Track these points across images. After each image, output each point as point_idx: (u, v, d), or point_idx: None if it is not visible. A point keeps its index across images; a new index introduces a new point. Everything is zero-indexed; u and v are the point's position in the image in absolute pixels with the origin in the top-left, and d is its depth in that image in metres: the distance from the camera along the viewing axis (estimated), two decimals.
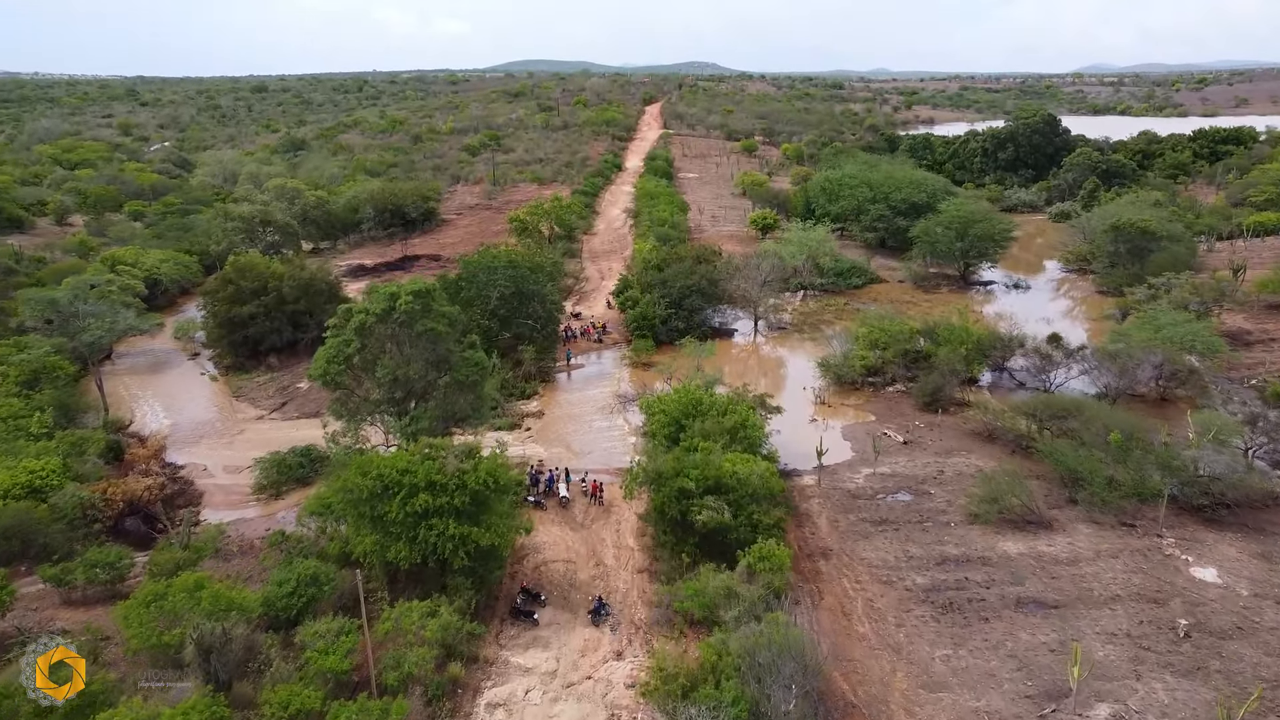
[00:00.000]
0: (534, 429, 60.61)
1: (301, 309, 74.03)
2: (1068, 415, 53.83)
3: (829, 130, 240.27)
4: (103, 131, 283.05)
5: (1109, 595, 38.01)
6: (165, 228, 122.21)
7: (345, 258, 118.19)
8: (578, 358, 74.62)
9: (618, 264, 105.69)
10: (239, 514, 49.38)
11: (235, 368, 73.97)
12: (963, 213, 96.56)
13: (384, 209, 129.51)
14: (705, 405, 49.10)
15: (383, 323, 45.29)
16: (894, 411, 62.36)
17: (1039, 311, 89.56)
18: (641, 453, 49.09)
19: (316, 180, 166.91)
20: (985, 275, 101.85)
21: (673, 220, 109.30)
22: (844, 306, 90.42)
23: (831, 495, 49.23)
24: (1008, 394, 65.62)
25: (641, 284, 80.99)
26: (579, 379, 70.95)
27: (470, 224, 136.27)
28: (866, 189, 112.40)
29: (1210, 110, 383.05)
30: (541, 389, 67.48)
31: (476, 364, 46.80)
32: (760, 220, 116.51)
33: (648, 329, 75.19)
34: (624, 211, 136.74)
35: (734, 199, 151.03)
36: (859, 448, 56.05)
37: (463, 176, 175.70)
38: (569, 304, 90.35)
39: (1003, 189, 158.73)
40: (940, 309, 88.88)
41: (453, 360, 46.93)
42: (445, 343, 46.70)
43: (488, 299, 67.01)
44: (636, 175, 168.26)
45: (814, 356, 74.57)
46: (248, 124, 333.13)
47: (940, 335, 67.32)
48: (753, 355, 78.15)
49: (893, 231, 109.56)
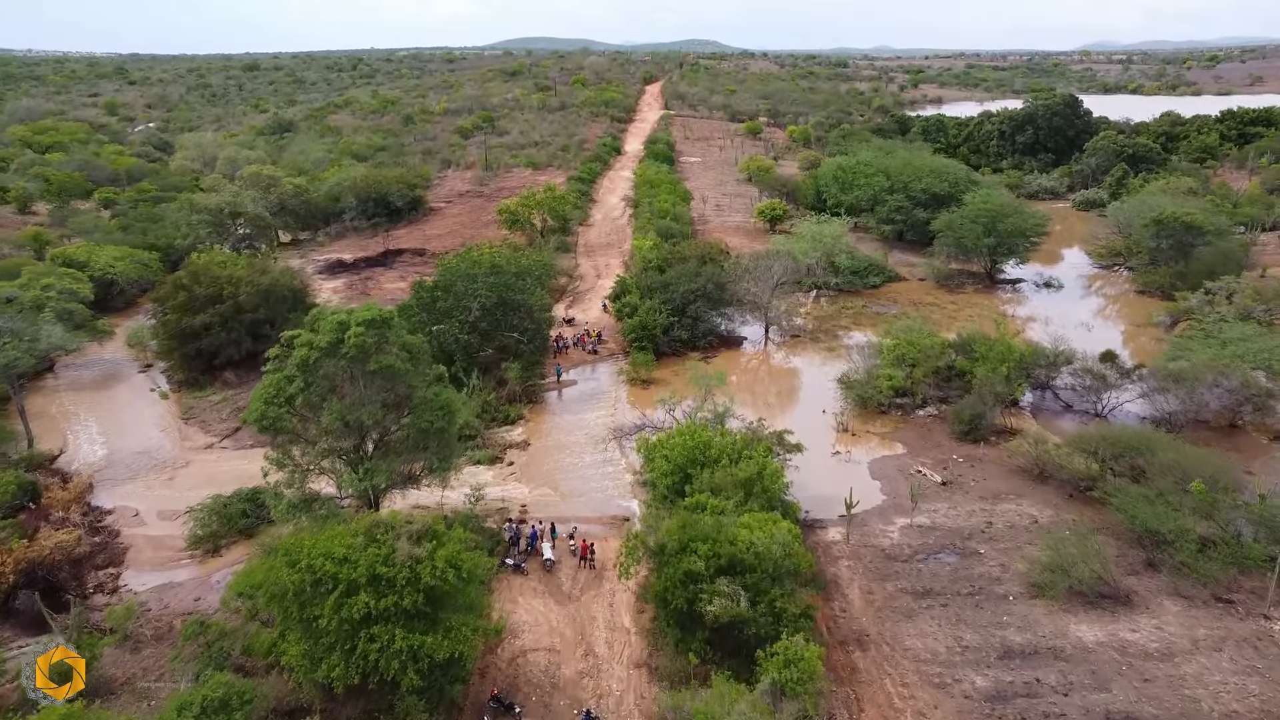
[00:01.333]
0: (517, 463, 53.10)
1: (262, 317, 66.35)
2: (1135, 453, 46.37)
3: (836, 111, 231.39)
4: (87, 111, 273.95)
5: (1224, 712, 30.60)
6: (134, 218, 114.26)
7: (324, 250, 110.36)
8: (569, 373, 67.05)
9: (616, 260, 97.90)
10: (168, 576, 41.97)
11: (188, 384, 66.44)
12: (991, 205, 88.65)
13: (367, 198, 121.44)
14: (714, 450, 41.64)
15: (331, 357, 37.72)
16: (927, 441, 54.86)
17: (1075, 314, 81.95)
18: (639, 516, 41.72)
19: (300, 165, 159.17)
20: (1012, 272, 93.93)
21: (675, 212, 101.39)
22: (862, 309, 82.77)
23: (863, 555, 41.81)
24: (1054, 418, 58.16)
25: (640, 287, 73.31)
26: (571, 399, 63.41)
27: (460, 213, 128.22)
28: (883, 178, 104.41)
29: (1225, 89, 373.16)
30: (527, 412, 59.95)
31: (442, 407, 39.19)
32: (769, 211, 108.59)
33: (647, 340, 67.61)
34: (623, 200, 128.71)
35: (739, 185, 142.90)
36: (890, 489, 48.58)
37: (454, 161, 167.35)
38: (561, 306, 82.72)
39: (1022, 174, 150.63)
40: (967, 312, 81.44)
41: (414, 401, 39.36)
42: (406, 380, 39.13)
43: (467, 310, 59.35)
44: (636, 160, 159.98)
45: (831, 369, 67.17)
46: (237, 104, 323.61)
47: (977, 351, 59.71)
48: (763, 365, 70.59)
49: (912, 224, 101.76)
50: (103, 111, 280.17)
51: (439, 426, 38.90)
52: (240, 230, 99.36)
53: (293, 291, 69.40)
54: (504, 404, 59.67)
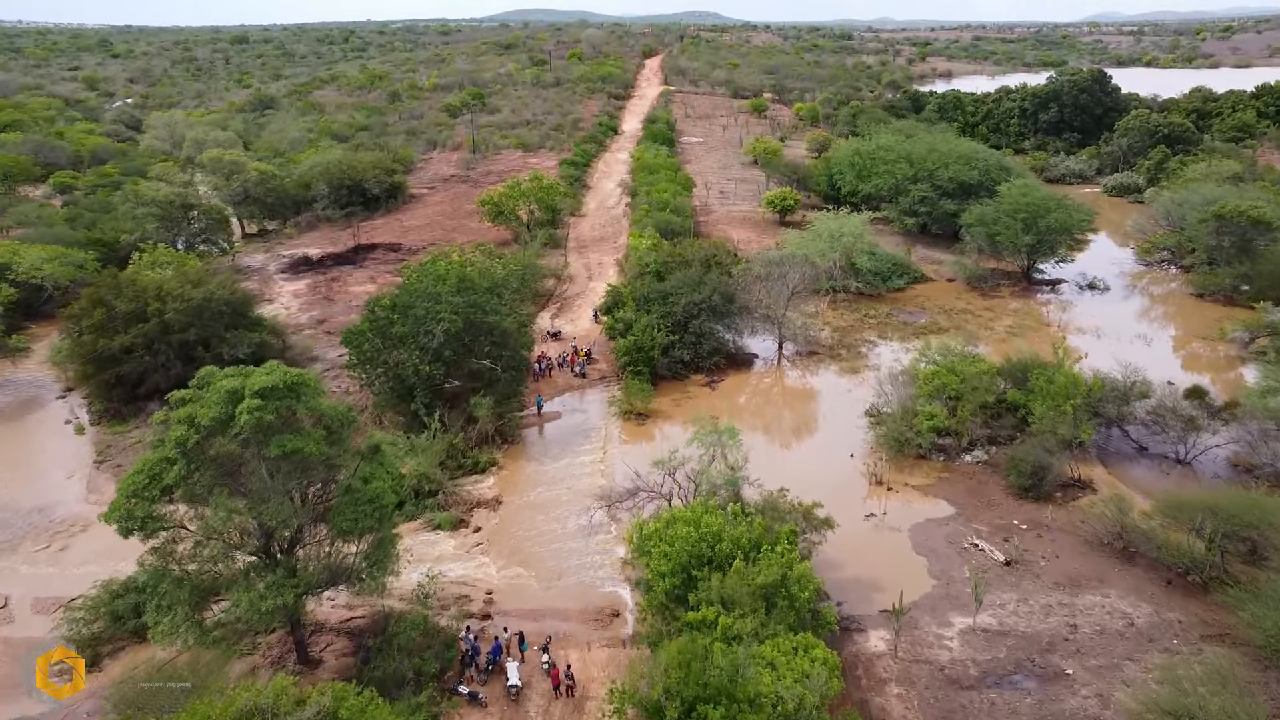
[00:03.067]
0: (486, 529, 43.80)
1: (194, 338, 56.89)
2: (1252, 527, 37.11)
3: (844, 87, 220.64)
4: (65, 86, 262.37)
5: None
6: (85, 207, 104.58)
7: (291, 244, 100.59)
8: (553, 402, 57.71)
9: (610, 257, 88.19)
10: (18, 711, 32.69)
11: (110, 414, 57.12)
12: (1031, 199, 78.75)
13: (340, 185, 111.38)
14: (726, 544, 32.33)
15: (220, 436, 28.36)
16: (978, 497, 45.57)
17: (1126, 322, 72.69)
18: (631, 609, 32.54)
19: (276, 146, 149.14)
20: (1051, 271, 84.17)
21: (675, 203, 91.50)
22: (886, 317, 73.23)
23: (916, 678, 32.59)
24: (1126, 464, 48.86)
25: (636, 298, 63.74)
26: (553, 436, 54.03)
27: (442, 201, 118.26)
28: (906, 164, 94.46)
29: (1244, 60, 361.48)
30: (501, 456, 50.63)
31: (372, 500, 29.72)
32: (778, 201, 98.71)
33: (643, 363, 58.17)
34: (619, 186, 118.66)
35: (744, 169, 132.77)
36: (941, 569, 39.35)
37: (439, 142, 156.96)
38: (547, 316, 73.19)
39: (1049, 156, 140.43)
40: (1006, 321, 72.09)
41: (333, 493, 30.01)
42: (322, 471, 29.81)
43: (430, 335, 49.84)
44: (634, 140, 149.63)
45: (856, 394, 57.93)
46: (222, 78, 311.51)
47: (1034, 382, 50.27)
48: (776, 388, 61.24)
49: (937, 217, 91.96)
50: (82, 86, 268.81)
51: (365, 527, 29.49)
52: (196, 224, 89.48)
53: (232, 306, 59.76)
54: (473, 447, 50.34)
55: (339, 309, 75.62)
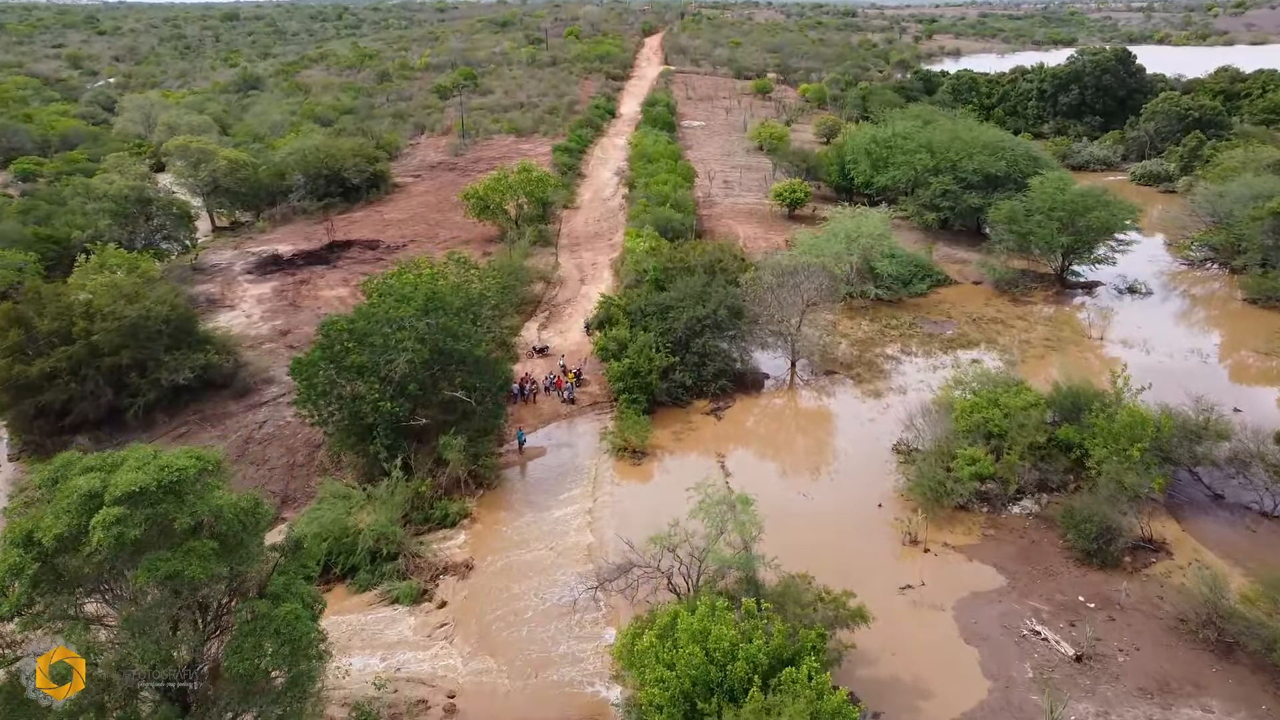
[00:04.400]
0: (453, 603, 36.98)
1: (127, 362, 49.88)
2: None
3: (851, 66, 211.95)
4: (48, 64, 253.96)
5: None
6: (43, 198, 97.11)
7: (264, 239, 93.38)
8: (536, 434, 50.73)
9: (605, 256, 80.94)
10: None
11: (33, 449, 50.21)
12: (1069, 195, 71.42)
13: (317, 175, 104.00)
14: (741, 664, 25.48)
15: (70, 555, 21.43)
16: (1032, 562, 38.72)
17: (1175, 333, 65.83)
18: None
19: (255, 130, 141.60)
20: (1087, 273, 76.91)
21: (676, 197, 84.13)
22: (910, 328, 66.18)
23: None
24: (1202, 517, 41.95)
25: (631, 311, 56.64)
26: (536, 478, 47.09)
27: (427, 191, 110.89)
28: (926, 154, 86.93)
29: (1260, 37, 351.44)
30: (475, 505, 43.77)
31: (280, 633, 22.69)
32: (787, 194, 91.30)
33: (640, 390, 51.15)
34: (616, 175, 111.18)
35: (749, 155, 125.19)
36: (997, 666, 32.52)
37: (428, 125, 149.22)
38: (533, 326, 66.10)
39: (1070, 142, 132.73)
40: (1043, 332, 65.17)
41: (233, 630, 23.04)
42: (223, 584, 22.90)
43: (393, 366, 42.80)
44: (633, 124, 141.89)
45: (881, 422, 51.13)
46: (210, 56, 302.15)
47: (1093, 420, 43.31)
48: (789, 414, 54.29)
49: (960, 212, 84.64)
50: (65, 64, 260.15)
51: (272, 665, 22.52)
52: (154, 220, 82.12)
53: (173, 323, 52.62)
54: (442, 496, 43.46)
55: (305, 317, 68.49)
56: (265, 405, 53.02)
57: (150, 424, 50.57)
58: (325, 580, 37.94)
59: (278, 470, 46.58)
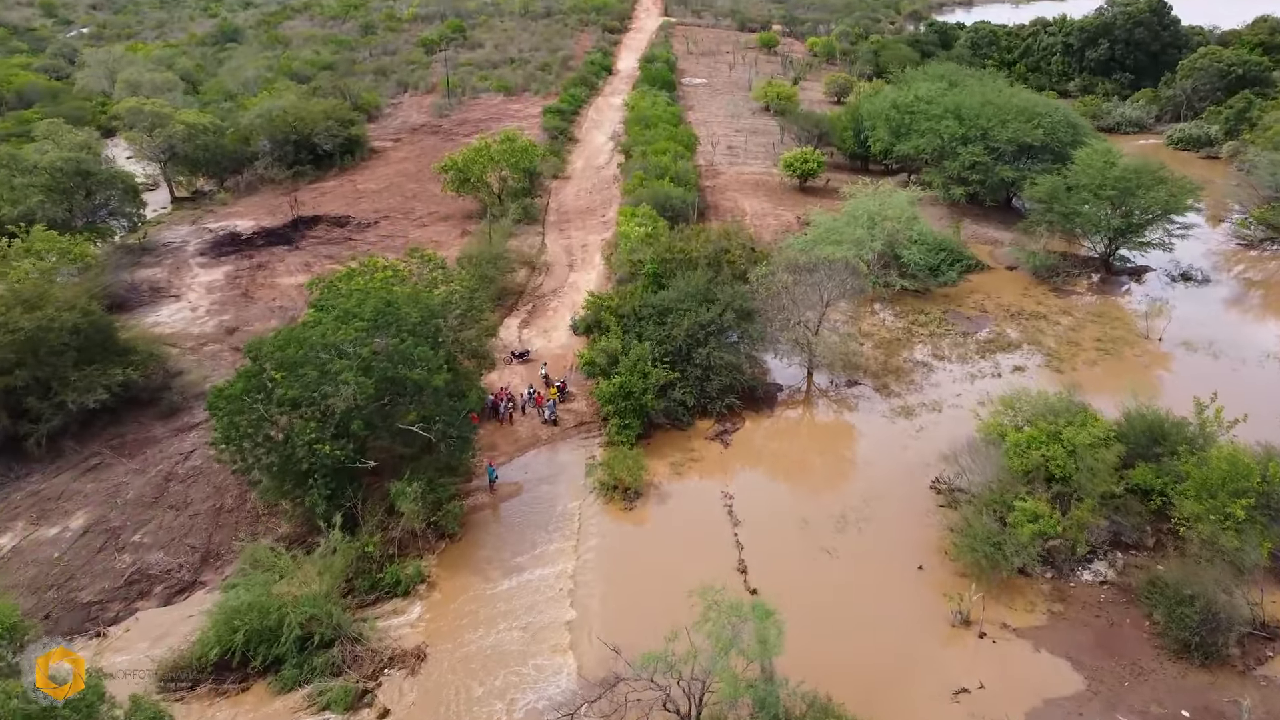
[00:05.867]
0: (397, 714, 29.75)
1: (23, 383, 42.17)
2: None
3: (861, 18, 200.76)
4: (19, 12, 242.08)
5: None
6: None
7: (225, 212, 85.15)
8: (511, 465, 43.15)
9: (597, 235, 72.78)
10: None
11: None
12: (1119, 171, 63.09)
13: (285, 140, 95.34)
14: None
15: None
16: (1115, 654, 31.42)
17: (1244, 330, 58.02)
18: None
19: (228, 87, 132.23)
20: (1134, 257, 68.75)
21: (676, 169, 75.61)
22: (940, 325, 58.41)
23: None
24: None
25: (623, 315, 48.70)
26: (510, 522, 39.58)
27: (407, 158, 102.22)
28: (953, 121, 78.20)
29: None
30: (435, 562, 36.42)
31: None
32: (798, 164, 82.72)
33: (632, 414, 43.51)
34: (611, 139, 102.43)
35: (755, 117, 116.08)
36: None
37: (411, 83, 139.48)
38: (514, 323, 58.23)
39: (1100, 101, 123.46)
40: (1093, 331, 57.58)
41: None
42: None
43: (331, 398, 35.09)
44: (630, 82, 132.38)
45: (914, 450, 43.58)
46: (190, 5, 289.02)
47: (1184, 467, 35.79)
48: (807, 441, 46.68)
49: (991, 186, 76.33)
50: (38, 12, 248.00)
51: None
52: (96, 196, 73.77)
53: (83, 333, 44.72)
54: (393, 556, 36.04)
55: (257, 312, 60.63)
56: (196, 428, 45.36)
57: (57, 453, 43.02)
58: (242, 678, 30.72)
59: (201, 517, 39.11)
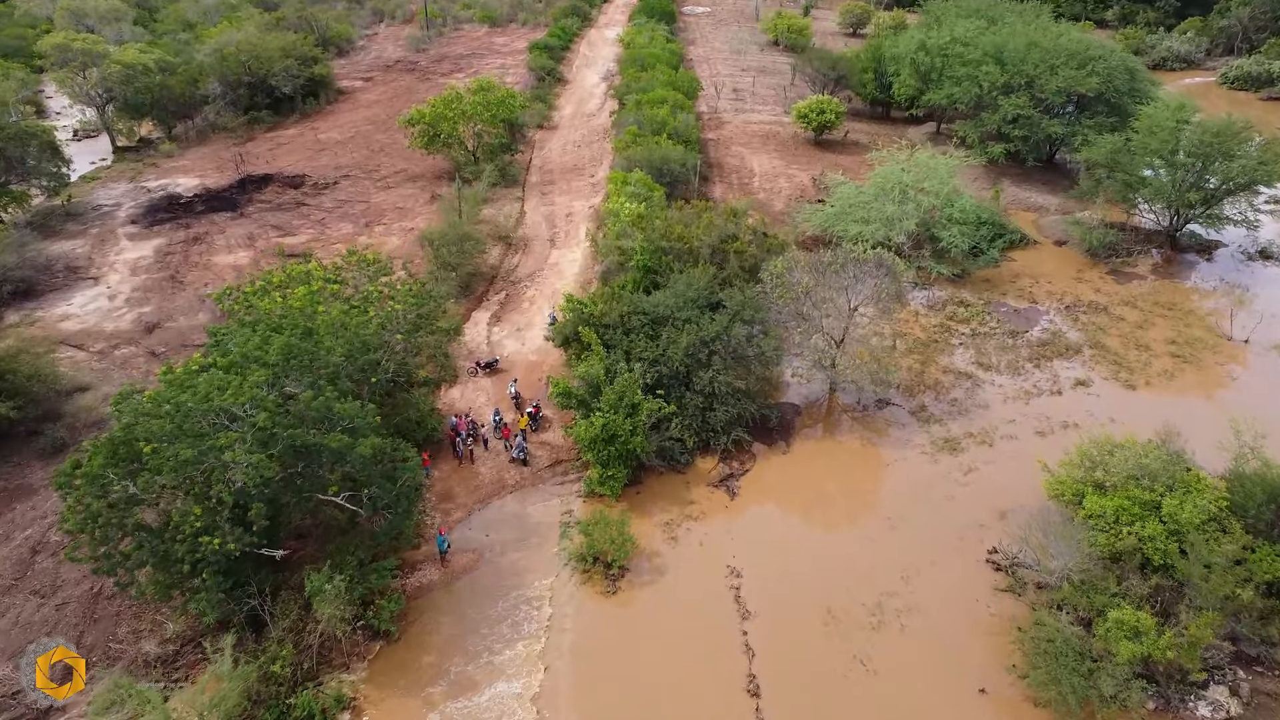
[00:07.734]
0: None
1: None
2: None
3: None
4: None
5: None
6: None
7: (169, 165, 75.65)
8: (468, 523, 34.97)
9: (584, 201, 63.59)
10: None
11: None
12: (1197, 134, 53.50)
13: (238, 82, 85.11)
14: None
15: None
16: None
17: None
18: None
19: (185, 16, 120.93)
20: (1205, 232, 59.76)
21: (676, 123, 65.80)
22: (983, 320, 49.80)
23: None
24: None
25: (606, 326, 39.88)
26: (463, 609, 31.47)
27: (377, 101, 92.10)
28: (994, 67, 68.07)
29: None
30: (364, 675, 28.54)
31: None
32: (813, 115, 72.82)
33: (617, 461, 35.16)
34: (604, 80, 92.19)
35: (763, 53, 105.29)
36: None
37: (388, 12, 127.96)
38: (483, 318, 49.51)
39: (1143, 33, 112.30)
40: (1163, 328, 49.47)
41: None
42: None
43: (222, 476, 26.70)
44: (626, 11, 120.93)
45: (961, 501, 35.55)
46: None
47: None
48: (830, 488, 38.38)
49: (1035, 144, 66.80)
50: None
51: None
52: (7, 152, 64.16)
53: None
54: (310, 675, 28.13)
55: (184, 302, 51.80)
56: None
57: None
58: None
59: (72, 606, 31.12)
